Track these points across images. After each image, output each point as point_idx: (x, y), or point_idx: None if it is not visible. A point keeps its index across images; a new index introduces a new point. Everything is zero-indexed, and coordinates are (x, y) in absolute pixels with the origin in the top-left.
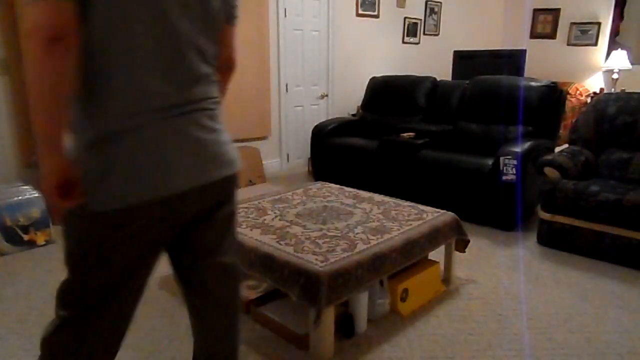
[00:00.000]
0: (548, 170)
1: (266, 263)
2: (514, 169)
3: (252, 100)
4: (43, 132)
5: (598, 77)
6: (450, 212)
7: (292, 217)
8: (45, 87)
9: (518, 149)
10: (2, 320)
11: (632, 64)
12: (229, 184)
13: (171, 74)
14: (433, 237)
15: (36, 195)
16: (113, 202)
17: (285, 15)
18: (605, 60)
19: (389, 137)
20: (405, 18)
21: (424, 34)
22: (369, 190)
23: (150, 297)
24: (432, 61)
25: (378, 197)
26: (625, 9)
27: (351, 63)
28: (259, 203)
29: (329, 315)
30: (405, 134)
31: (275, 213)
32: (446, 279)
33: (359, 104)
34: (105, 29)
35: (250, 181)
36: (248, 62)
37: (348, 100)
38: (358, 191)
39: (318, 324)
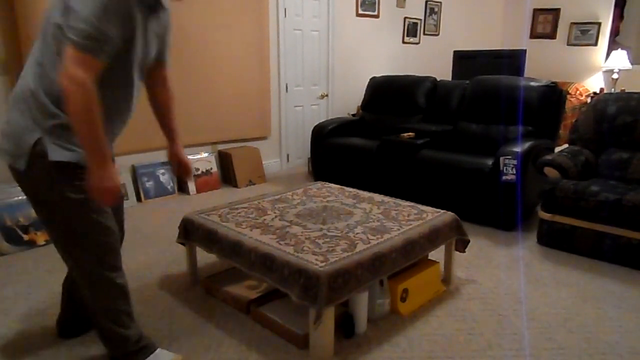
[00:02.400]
0: (548, 170)
1: (266, 263)
2: (514, 169)
3: (252, 100)
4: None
5: (598, 77)
6: (450, 212)
7: (292, 217)
8: None
9: (518, 149)
10: (2, 320)
11: (632, 64)
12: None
13: None
14: (433, 237)
15: None
16: None
17: (285, 15)
18: (605, 60)
19: (389, 137)
20: (405, 18)
21: (424, 34)
22: (369, 190)
23: (150, 297)
24: (432, 61)
25: (378, 197)
26: (625, 9)
27: (351, 63)
28: (259, 203)
29: (329, 315)
30: (405, 134)
31: (275, 213)
32: (446, 279)
33: (359, 104)
34: None
35: (250, 181)
36: (248, 62)
37: (348, 100)
38: (358, 191)
39: (318, 324)
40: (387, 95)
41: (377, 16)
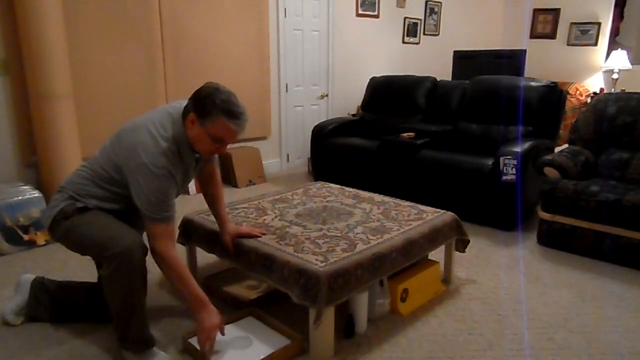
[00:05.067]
0: (548, 170)
1: (266, 263)
2: (514, 169)
3: (252, 100)
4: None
5: (598, 77)
6: (450, 212)
7: (292, 217)
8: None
9: (518, 149)
10: (2, 320)
11: (632, 64)
12: None
13: None
14: (433, 237)
15: (36, 195)
16: None
17: (285, 15)
18: (605, 60)
19: (389, 137)
20: (405, 18)
21: (424, 34)
22: (369, 190)
23: (150, 297)
24: (432, 61)
25: (378, 197)
26: (625, 9)
27: (351, 63)
28: (259, 203)
29: (329, 315)
30: (405, 134)
31: (275, 213)
32: (446, 279)
33: (359, 104)
34: None
35: (250, 181)
36: (248, 62)
37: (348, 100)
38: (358, 191)
39: (318, 324)
40: (387, 95)
41: (377, 16)
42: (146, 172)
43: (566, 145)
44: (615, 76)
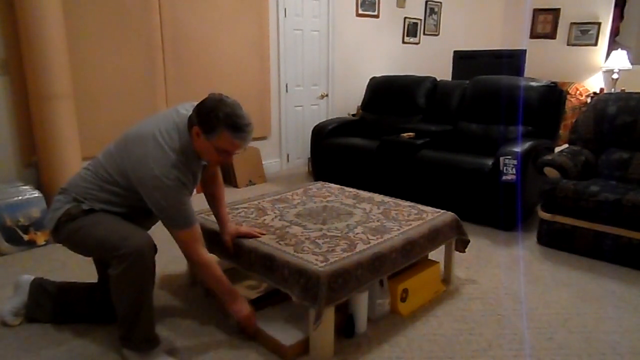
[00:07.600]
0: (548, 170)
1: (266, 263)
2: (514, 169)
3: (252, 100)
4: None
5: (598, 77)
6: (450, 212)
7: (292, 217)
8: None
9: (518, 149)
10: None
11: (632, 64)
12: None
13: None
14: (433, 237)
15: (36, 195)
16: None
17: (285, 15)
18: (605, 60)
19: (389, 137)
20: (405, 18)
21: (424, 34)
22: (369, 190)
23: None
24: (432, 61)
25: (378, 197)
26: (625, 9)
27: (351, 63)
28: (259, 203)
29: (329, 315)
30: (405, 134)
31: (275, 213)
32: (446, 279)
33: (359, 104)
34: None
35: (250, 181)
36: (248, 62)
37: (348, 100)
38: (358, 191)
39: (318, 324)
40: (387, 95)
41: (377, 16)
42: (159, 184)
43: (566, 145)
44: (615, 76)
